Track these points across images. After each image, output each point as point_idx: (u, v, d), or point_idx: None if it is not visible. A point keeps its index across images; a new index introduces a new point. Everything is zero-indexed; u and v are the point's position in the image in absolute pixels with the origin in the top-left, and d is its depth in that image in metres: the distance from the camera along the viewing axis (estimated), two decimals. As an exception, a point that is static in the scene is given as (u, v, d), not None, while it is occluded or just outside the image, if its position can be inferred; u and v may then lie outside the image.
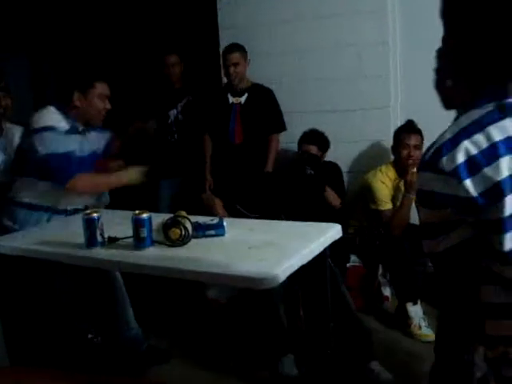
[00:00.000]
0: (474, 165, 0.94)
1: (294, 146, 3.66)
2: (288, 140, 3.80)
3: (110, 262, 2.00)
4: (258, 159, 3.66)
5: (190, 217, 2.12)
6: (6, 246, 2.25)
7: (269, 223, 2.40)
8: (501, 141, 0.94)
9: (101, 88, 2.63)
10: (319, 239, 2.05)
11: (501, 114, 0.96)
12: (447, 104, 1.09)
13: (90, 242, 2.04)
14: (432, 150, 0.99)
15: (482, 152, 0.93)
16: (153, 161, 4.17)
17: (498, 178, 0.93)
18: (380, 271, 3.45)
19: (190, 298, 3.30)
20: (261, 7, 3.95)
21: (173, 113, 4.10)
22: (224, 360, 2.84)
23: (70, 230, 2.26)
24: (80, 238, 2.07)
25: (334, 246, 2.15)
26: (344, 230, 2.24)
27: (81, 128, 2.66)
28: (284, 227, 2.35)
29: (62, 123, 2.55)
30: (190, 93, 4.10)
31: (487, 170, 0.93)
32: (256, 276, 1.66)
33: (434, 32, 3.81)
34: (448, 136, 0.98)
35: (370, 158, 3.73)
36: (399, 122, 3.53)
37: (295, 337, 2.73)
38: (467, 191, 0.95)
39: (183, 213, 2.18)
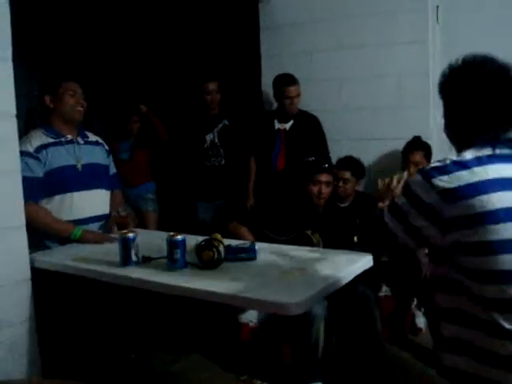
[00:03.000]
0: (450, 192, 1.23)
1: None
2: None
3: (144, 282, 2.04)
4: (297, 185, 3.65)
5: (224, 240, 2.16)
6: (43, 261, 2.33)
7: (300, 249, 2.42)
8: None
9: (68, 86, 2.67)
10: (349, 268, 2.06)
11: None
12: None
13: (125, 260, 2.11)
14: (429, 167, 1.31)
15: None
16: (188, 183, 4.29)
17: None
18: (414, 302, 3.41)
19: (223, 320, 3.32)
20: (302, 36, 4.01)
21: (209, 137, 4.17)
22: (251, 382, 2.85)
23: (106, 248, 2.33)
24: (116, 256, 2.14)
25: (368, 273, 2.15)
26: (376, 258, 2.23)
27: (69, 137, 2.69)
28: (315, 254, 2.36)
29: (36, 141, 2.57)
30: (227, 117, 4.17)
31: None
32: (281, 302, 1.67)
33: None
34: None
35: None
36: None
37: (326, 365, 2.72)
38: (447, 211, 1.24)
39: (218, 236, 2.23)
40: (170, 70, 5.23)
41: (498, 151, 1.27)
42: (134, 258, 2.11)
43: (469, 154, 1.28)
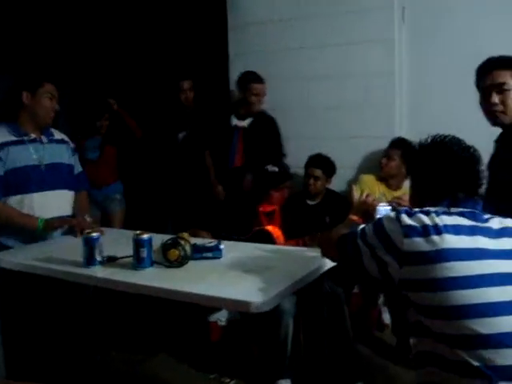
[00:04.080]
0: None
1: (302, 171, 3.68)
2: (297, 165, 3.81)
3: (108, 281, 2.01)
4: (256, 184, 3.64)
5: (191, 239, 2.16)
6: (6, 261, 2.29)
7: (267, 247, 2.43)
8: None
9: (49, 88, 2.64)
10: (316, 265, 2.06)
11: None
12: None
13: (89, 260, 2.08)
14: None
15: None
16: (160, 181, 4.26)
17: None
18: (381, 299, 3.45)
19: (192, 320, 3.31)
20: (269, 35, 4.03)
21: (182, 135, 4.15)
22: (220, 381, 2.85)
23: (71, 247, 2.30)
24: (81, 256, 2.10)
25: (338, 269, 2.16)
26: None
27: (33, 136, 2.65)
28: (282, 252, 2.37)
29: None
30: (200, 116, 4.16)
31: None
32: (246, 300, 1.67)
33: (440, 62, 3.87)
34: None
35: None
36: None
37: (294, 361, 2.74)
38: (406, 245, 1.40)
39: (185, 234, 2.22)
40: (141, 67, 5.17)
41: (453, 209, 1.50)
42: (98, 257, 2.08)
43: (432, 209, 1.49)
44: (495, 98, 2.02)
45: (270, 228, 3.08)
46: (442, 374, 1.36)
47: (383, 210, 1.95)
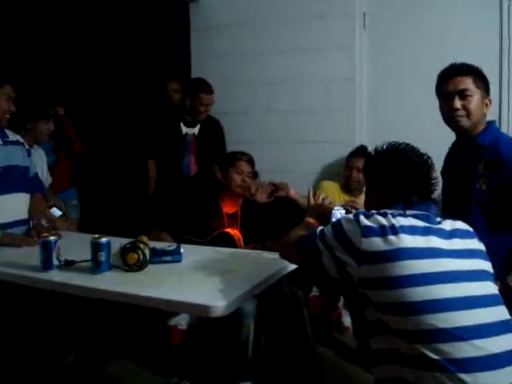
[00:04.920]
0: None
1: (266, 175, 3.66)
2: (260, 168, 3.79)
3: (66, 286, 1.98)
4: (210, 191, 3.50)
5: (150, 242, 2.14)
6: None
7: (226, 250, 2.44)
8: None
9: (6, 89, 2.60)
10: (276, 268, 2.08)
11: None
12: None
13: (46, 264, 2.04)
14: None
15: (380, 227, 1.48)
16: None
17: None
18: (341, 301, 3.48)
19: (152, 324, 3.29)
20: (232, 38, 4.04)
21: None
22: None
23: (29, 251, 2.26)
24: (38, 260, 2.07)
25: (297, 273, 2.18)
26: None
27: None
28: (242, 255, 2.39)
29: None
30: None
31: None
32: (205, 304, 1.68)
33: (400, 68, 3.95)
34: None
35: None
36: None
37: (255, 364, 2.74)
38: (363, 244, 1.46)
39: (144, 238, 2.20)
40: (99, 70, 5.09)
41: (408, 212, 1.57)
42: (55, 261, 2.05)
43: (388, 211, 1.56)
44: (458, 104, 2.07)
45: (231, 230, 3.08)
46: (401, 369, 1.39)
47: (338, 213, 1.99)
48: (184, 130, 3.79)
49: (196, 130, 3.80)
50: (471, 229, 1.62)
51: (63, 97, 4.55)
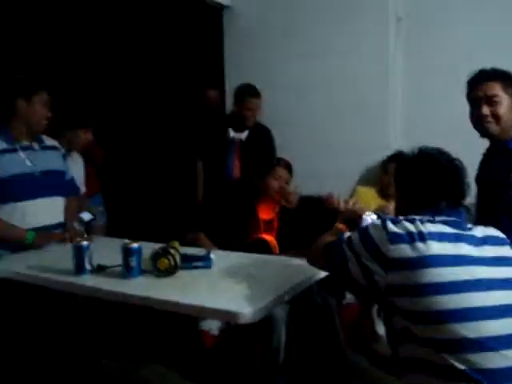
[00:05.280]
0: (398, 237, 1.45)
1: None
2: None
3: (98, 290, 2.01)
4: (249, 196, 3.56)
5: (181, 248, 2.15)
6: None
7: (257, 257, 2.42)
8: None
9: (44, 95, 2.64)
10: (306, 275, 2.06)
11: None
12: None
13: (79, 269, 2.07)
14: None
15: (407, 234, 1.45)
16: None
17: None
18: (374, 309, 3.43)
19: (183, 327, 3.30)
20: (266, 43, 4.08)
21: None
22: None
23: (61, 255, 2.29)
24: (70, 264, 2.09)
25: (330, 280, 2.16)
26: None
27: (25, 144, 2.65)
28: (272, 261, 2.37)
29: None
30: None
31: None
32: (233, 310, 1.67)
33: (435, 73, 3.86)
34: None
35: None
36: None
37: (287, 370, 2.72)
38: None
39: (176, 243, 2.21)
40: (138, 77, 5.17)
41: (437, 218, 1.53)
42: (87, 266, 2.08)
43: (417, 217, 1.53)
44: (486, 110, 2.04)
45: (267, 237, 3.07)
46: (427, 379, 1.37)
47: (369, 218, 1.95)
48: (232, 134, 3.84)
49: (244, 135, 3.83)
50: (504, 235, 1.58)
51: (103, 104, 4.65)
